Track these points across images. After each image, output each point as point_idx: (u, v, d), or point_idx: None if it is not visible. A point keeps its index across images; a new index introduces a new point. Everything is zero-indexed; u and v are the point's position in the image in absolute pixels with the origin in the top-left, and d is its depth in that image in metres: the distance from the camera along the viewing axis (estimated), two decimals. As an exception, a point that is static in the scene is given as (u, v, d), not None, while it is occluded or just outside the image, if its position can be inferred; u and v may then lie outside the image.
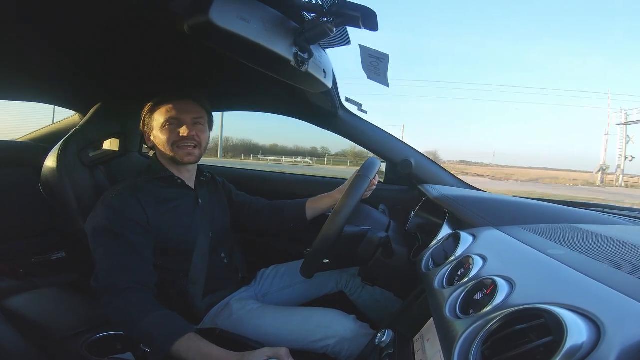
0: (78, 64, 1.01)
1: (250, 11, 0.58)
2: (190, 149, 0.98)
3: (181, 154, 0.97)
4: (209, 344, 0.75)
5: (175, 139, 0.96)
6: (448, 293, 0.54)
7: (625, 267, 0.46)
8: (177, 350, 0.74)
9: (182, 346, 0.74)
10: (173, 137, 0.96)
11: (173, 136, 0.96)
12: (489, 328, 0.40)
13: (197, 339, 0.76)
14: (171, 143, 0.96)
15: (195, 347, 0.74)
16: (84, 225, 0.96)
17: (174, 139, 0.96)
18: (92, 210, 0.92)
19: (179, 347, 0.74)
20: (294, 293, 1.20)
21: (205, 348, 0.75)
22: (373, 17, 0.60)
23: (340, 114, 1.33)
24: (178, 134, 0.96)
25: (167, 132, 0.96)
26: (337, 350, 0.89)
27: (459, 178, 1.37)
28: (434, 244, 0.83)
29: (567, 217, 0.85)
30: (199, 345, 0.75)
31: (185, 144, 0.97)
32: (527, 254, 0.58)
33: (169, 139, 0.96)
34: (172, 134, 0.96)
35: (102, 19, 0.73)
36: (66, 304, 1.00)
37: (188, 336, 0.76)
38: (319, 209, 1.18)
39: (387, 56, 0.79)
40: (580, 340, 0.32)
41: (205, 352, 0.74)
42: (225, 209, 1.16)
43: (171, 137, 0.96)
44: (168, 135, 0.96)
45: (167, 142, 0.96)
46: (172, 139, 0.96)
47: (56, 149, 1.03)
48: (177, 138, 0.96)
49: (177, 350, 0.74)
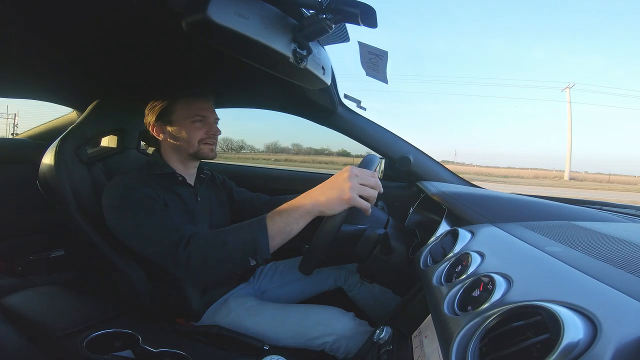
0: (76, 61, 1.00)
1: (248, 8, 0.57)
2: (214, 146, 1.03)
3: (206, 150, 1.01)
4: (284, 203, 0.78)
5: (203, 136, 0.99)
6: (446, 290, 0.54)
7: (622, 265, 0.47)
8: (272, 225, 0.76)
9: (272, 218, 0.77)
10: (201, 133, 0.99)
11: (201, 133, 0.99)
12: (486, 325, 0.40)
13: (275, 210, 0.78)
14: (198, 139, 0.99)
15: (279, 211, 0.77)
16: (82, 222, 0.96)
17: (201, 136, 0.99)
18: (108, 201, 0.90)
19: (271, 221, 0.76)
20: (292, 290, 1.20)
21: (283, 205, 0.78)
22: (372, 14, 0.59)
23: (339, 110, 1.33)
24: (206, 131, 1.00)
25: (195, 129, 0.99)
26: (335, 347, 0.89)
27: (457, 175, 1.37)
28: (432, 240, 0.83)
29: (564, 214, 0.85)
30: (279, 208, 0.78)
31: (211, 141, 1.01)
32: (524, 251, 0.58)
33: (197, 135, 0.99)
34: (199, 131, 0.99)
35: (100, 15, 0.73)
36: (64, 302, 1.00)
37: (267, 215, 0.78)
38: None
39: (386, 53, 0.79)
40: (577, 337, 0.32)
41: (289, 204, 0.77)
42: (224, 206, 1.16)
43: (199, 134, 0.99)
44: (196, 132, 0.99)
45: (194, 138, 0.99)
46: (199, 136, 0.99)
47: (54, 146, 1.02)
48: (204, 135, 1.00)
49: (271, 225, 0.76)
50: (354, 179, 0.71)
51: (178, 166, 1.03)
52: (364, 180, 0.72)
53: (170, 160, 1.02)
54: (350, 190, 0.70)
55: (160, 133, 1.01)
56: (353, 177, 0.71)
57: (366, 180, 0.72)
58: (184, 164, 1.04)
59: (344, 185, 0.71)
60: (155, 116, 1.00)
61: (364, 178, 0.72)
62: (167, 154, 1.03)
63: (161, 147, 1.04)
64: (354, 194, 0.71)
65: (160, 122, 1.00)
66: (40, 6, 0.67)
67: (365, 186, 0.72)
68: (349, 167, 0.74)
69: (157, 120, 1.00)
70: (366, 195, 0.72)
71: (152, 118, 1.00)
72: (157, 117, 1.00)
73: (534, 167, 27.02)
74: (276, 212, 0.78)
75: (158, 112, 0.99)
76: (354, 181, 0.71)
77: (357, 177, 0.72)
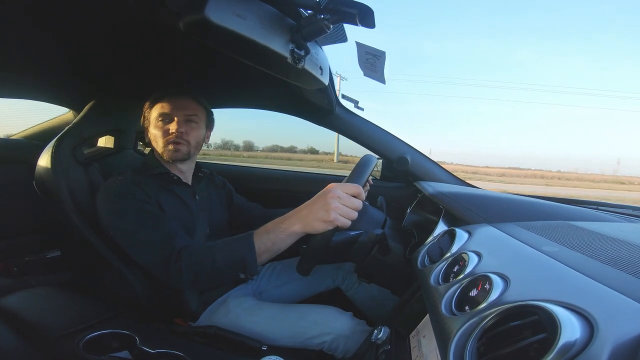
0: (73, 61, 1.00)
1: (246, 8, 0.57)
2: (176, 145, 0.98)
3: (167, 150, 0.98)
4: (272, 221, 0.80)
5: (164, 135, 0.97)
6: (443, 290, 0.54)
7: (619, 265, 0.47)
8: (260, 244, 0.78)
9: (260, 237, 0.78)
10: (162, 133, 0.97)
11: (162, 132, 0.97)
12: (483, 325, 0.41)
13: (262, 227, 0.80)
14: (160, 139, 0.97)
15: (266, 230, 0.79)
16: (78, 223, 0.96)
17: (162, 135, 0.97)
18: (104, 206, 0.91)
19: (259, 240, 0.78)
20: (290, 290, 1.20)
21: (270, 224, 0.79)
22: (370, 14, 0.59)
23: (337, 110, 1.33)
24: (168, 130, 0.97)
25: (158, 128, 0.97)
26: (333, 347, 0.89)
27: (455, 175, 1.37)
28: (430, 240, 0.84)
29: (561, 214, 0.85)
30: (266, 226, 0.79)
31: (172, 140, 0.97)
32: (521, 251, 0.59)
33: (159, 135, 0.97)
34: (162, 130, 0.97)
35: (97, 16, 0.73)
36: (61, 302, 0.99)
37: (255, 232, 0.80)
38: None
39: (384, 53, 0.79)
40: (574, 337, 0.32)
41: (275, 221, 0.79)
42: (223, 206, 1.17)
43: (160, 133, 0.97)
44: (158, 131, 0.97)
45: (157, 138, 0.97)
46: (161, 135, 0.97)
47: (50, 147, 1.01)
48: (166, 134, 0.97)
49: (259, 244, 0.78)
50: (336, 201, 0.73)
51: (170, 166, 1.03)
52: (346, 202, 0.74)
53: (163, 161, 1.02)
54: (332, 212, 0.72)
55: (146, 135, 1.02)
56: (335, 200, 0.73)
57: (347, 201, 0.74)
58: (171, 164, 1.03)
59: (327, 207, 0.73)
60: (142, 117, 1.02)
61: (346, 199, 0.74)
62: (157, 155, 1.03)
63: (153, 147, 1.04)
64: (336, 215, 0.73)
65: (146, 123, 1.02)
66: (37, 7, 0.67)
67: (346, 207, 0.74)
68: (332, 186, 0.75)
69: (144, 121, 1.02)
70: (346, 216, 0.74)
71: (142, 118, 1.03)
72: (143, 117, 1.02)
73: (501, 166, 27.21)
74: (264, 230, 0.79)
75: (144, 112, 1.01)
76: (335, 203, 0.73)
77: (338, 199, 0.73)
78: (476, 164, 23.89)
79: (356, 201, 0.75)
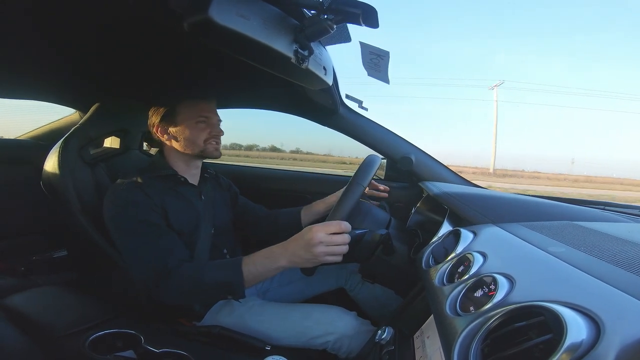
0: (79, 62, 1.01)
1: (249, 8, 0.57)
2: (218, 145, 1.05)
3: (211, 149, 1.03)
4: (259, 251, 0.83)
5: (207, 136, 1.02)
6: (448, 290, 0.54)
7: (625, 265, 0.46)
8: (248, 272, 0.81)
9: (248, 266, 0.81)
10: (205, 134, 1.02)
11: (205, 133, 1.02)
12: (488, 325, 0.40)
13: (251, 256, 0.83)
14: (204, 139, 1.02)
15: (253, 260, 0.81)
16: (85, 223, 0.97)
17: (206, 136, 1.02)
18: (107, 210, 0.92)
19: (247, 268, 0.81)
20: (294, 289, 1.20)
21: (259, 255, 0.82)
22: (373, 14, 0.59)
23: (341, 110, 1.33)
24: (209, 131, 1.02)
25: (199, 130, 1.01)
26: (337, 347, 0.89)
27: (459, 175, 1.37)
28: (434, 241, 0.83)
29: (567, 214, 0.84)
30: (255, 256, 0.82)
31: (215, 141, 1.04)
32: (527, 251, 0.58)
33: (201, 136, 1.01)
34: (203, 131, 1.02)
35: (101, 17, 0.73)
36: (66, 302, 1.00)
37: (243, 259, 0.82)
38: (315, 214, 1.19)
39: (388, 53, 0.79)
40: (580, 338, 0.32)
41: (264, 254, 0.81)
42: (227, 206, 1.17)
43: (203, 134, 1.01)
44: (200, 132, 1.01)
45: (199, 138, 1.01)
46: (204, 136, 1.02)
47: (57, 147, 1.03)
48: (209, 135, 1.02)
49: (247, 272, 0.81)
50: (320, 246, 0.74)
51: (181, 167, 1.04)
52: (331, 243, 0.75)
53: (173, 161, 1.03)
54: (319, 256, 0.75)
55: (164, 134, 1.02)
56: (319, 246, 0.74)
57: (333, 241, 0.75)
58: (187, 164, 1.05)
59: (313, 253, 0.75)
60: (160, 118, 1.01)
61: (330, 240, 0.75)
62: (170, 155, 1.04)
63: (164, 148, 1.05)
64: (324, 257, 0.75)
65: (164, 124, 1.01)
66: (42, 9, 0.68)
67: (332, 245, 0.75)
68: (314, 232, 0.75)
69: (161, 122, 1.01)
70: (336, 254, 0.76)
71: (157, 120, 1.01)
72: (161, 118, 1.01)
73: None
74: (253, 260, 0.81)
75: (162, 113, 1.01)
76: (321, 248, 0.74)
77: (321, 244, 0.74)
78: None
79: (341, 237, 0.76)
